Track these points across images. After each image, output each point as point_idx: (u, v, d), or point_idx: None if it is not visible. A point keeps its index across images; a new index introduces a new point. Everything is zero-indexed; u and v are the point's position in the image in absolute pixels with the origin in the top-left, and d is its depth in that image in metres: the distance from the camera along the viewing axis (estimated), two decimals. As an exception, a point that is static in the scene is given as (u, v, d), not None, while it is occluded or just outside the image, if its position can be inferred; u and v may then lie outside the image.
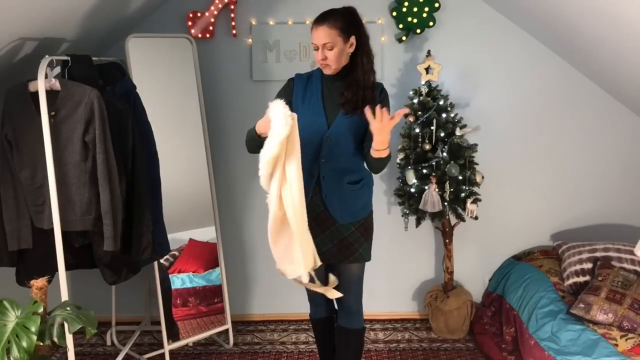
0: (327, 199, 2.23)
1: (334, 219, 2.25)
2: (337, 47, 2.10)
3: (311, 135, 2.14)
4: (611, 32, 2.53)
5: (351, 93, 2.14)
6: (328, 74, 2.20)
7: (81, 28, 2.72)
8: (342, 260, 2.29)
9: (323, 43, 2.10)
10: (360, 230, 2.29)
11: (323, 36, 2.09)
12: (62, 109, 2.29)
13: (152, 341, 3.30)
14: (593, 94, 3.29)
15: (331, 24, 2.09)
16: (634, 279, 2.73)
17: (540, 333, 2.65)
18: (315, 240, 2.21)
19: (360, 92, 2.14)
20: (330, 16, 2.12)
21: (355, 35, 2.14)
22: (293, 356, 3.10)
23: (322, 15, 2.14)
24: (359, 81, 2.14)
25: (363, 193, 2.29)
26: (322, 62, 2.15)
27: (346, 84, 2.16)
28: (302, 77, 2.29)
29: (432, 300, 3.26)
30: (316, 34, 2.11)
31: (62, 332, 1.75)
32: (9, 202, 2.40)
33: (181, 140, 2.97)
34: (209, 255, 3.15)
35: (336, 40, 2.10)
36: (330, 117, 2.19)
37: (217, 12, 3.15)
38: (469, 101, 3.30)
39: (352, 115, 2.16)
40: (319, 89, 2.24)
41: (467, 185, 3.00)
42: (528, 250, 3.46)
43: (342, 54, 2.13)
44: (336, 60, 2.13)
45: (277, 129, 1.89)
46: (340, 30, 2.10)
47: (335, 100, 2.19)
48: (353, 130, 2.19)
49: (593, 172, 3.38)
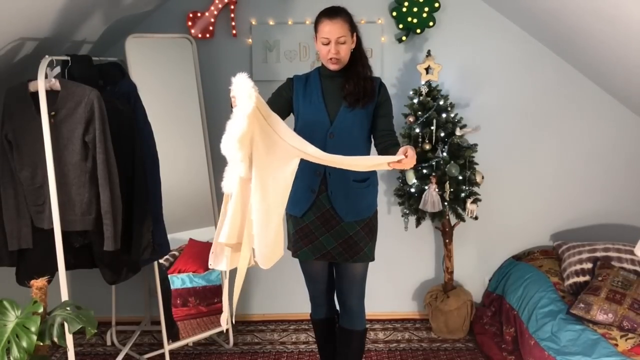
0: (332, 196, 2.24)
1: (339, 217, 2.25)
2: (348, 42, 2.15)
3: (314, 133, 2.15)
4: (611, 32, 2.53)
5: (352, 85, 2.18)
6: (333, 70, 2.21)
7: (81, 28, 2.72)
8: (346, 260, 2.29)
9: (337, 37, 2.12)
10: (365, 230, 2.30)
11: (339, 30, 2.11)
12: (62, 109, 2.29)
13: (152, 341, 3.30)
14: (593, 93, 3.29)
15: (344, 19, 2.14)
16: (634, 279, 2.73)
17: (540, 333, 2.65)
18: (320, 239, 2.22)
19: (361, 83, 2.19)
20: (341, 11, 2.16)
21: (356, 32, 2.20)
22: (293, 356, 3.10)
23: (333, 10, 2.16)
24: (360, 73, 2.20)
25: (369, 192, 2.32)
26: (333, 57, 2.15)
27: (347, 77, 2.20)
28: (301, 78, 2.32)
29: (432, 300, 3.26)
30: (332, 27, 2.11)
31: (62, 332, 1.75)
32: (9, 202, 2.40)
33: (181, 140, 2.96)
34: (209, 255, 3.15)
35: (347, 35, 2.14)
36: (332, 113, 2.21)
37: (217, 12, 3.15)
38: (469, 101, 3.30)
39: (354, 108, 2.19)
40: (318, 87, 2.26)
41: (467, 185, 3.00)
42: (528, 250, 3.46)
43: (349, 49, 2.18)
44: (346, 55, 2.17)
45: (241, 104, 1.82)
46: (350, 25, 2.16)
47: (336, 96, 2.21)
48: (357, 124, 2.22)
49: (593, 172, 3.38)
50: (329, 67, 2.21)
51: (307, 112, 2.24)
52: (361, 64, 2.22)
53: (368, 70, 2.25)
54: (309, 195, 2.23)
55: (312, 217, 2.26)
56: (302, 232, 2.30)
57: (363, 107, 2.20)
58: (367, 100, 2.20)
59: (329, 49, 2.14)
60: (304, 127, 2.23)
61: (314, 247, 2.29)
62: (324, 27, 2.13)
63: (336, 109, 2.21)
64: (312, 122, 2.22)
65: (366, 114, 2.22)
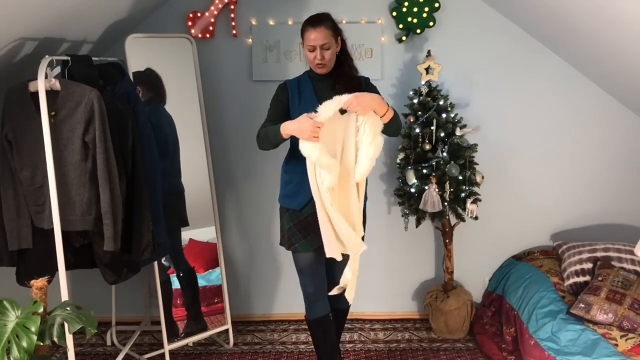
0: None
1: None
2: (332, 47, 2.31)
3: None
4: (611, 32, 2.53)
5: (342, 85, 2.33)
6: (319, 74, 2.36)
7: (81, 28, 2.72)
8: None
9: (322, 44, 2.28)
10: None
11: (321, 37, 2.28)
12: (62, 109, 2.29)
13: (152, 341, 3.30)
14: (593, 94, 3.29)
15: (327, 26, 2.29)
16: (634, 279, 2.73)
17: (540, 333, 2.65)
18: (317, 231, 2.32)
19: (349, 83, 2.34)
20: (324, 19, 2.32)
21: (340, 36, 2.36)
22: (293, 356, 3.10)
23: (316, 18, 2.32)
24: (347, 73, 2.37)
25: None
26: (319, 62, 2.31)
27: (336, 78, 2.36)
28: (293, 82, 2.45)
29: (432, 300, 3.26)
30: (315, 35, 2.28)
31: (62, 332, 1.76)
32: (9, 202, 2.40)
33: (181, 140, 2.96)
34: (209, 255, 3.15)
35: (331, 41, 2.30)
36: None
37: (217, 12, 3.15)
38: (469, 101, 3.30)
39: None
40: (310, 89, 2.40)
41: (467, 185, 3.00)
42: (528, 250, 3.46)
43: (334, 53, 2.34)
44: (331, 59, 2.33)
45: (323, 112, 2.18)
46: (333, 31, 2.31)
47: (328, 96, 2.30)
48: None
49: (593, 172, 3.38)
50: (316, 71, 2.37)
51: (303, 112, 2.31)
52: (347, 65, 2.38)
53: (354, 70, 2.41)
54: (307, 189, 2.29)
55: (310, 211, 2.34)
56: (300, 225, 2.40)
57: None
58: None
59: (315, 55, 2.29)
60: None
61: (312, 239, 2.38)
62: (309, 35, 2.29)
63: None
64: None
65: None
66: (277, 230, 2.96)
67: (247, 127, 3.29)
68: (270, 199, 3.27)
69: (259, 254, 3.50)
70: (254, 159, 3.34)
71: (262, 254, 3.49)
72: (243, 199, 3.44)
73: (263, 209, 3.43)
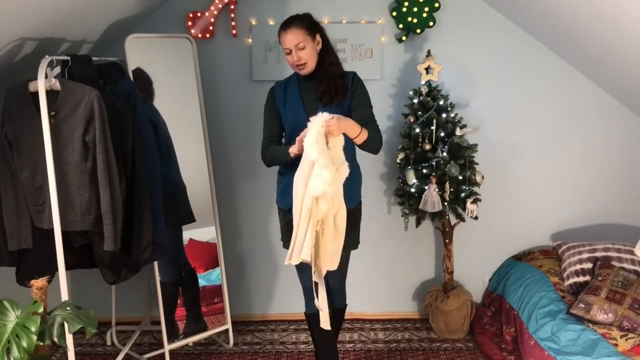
0: None
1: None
2: (308, 45, 2.28)
3: (296, 134, 2.23)
4: (611, 32, 2.53)
5: (324, 85, 2.32)
6: (303, 75, 2.35)
7: (81, 28, 2.72)
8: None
9: (295, 44, 2.27)
10: (348, 220, 2.34)
11: (293, 38, 2.27)
12: (62, 109, 2.28)
13: (152, 341, 3.30)
14: (593, 93, 3.29)
15: (297, 26, 2.28)
16: (634, 279, 2.73)
17: (540, 333, 2.65)
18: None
19: (332, 82, 2.32)
20: (294, 20, 2.32)
21: (319, 33, 2.33)
22: (293, 356, 3.10)
23: (286, 21, 2.33)
24: (329, 72, 2.33)
25: (352, 185, 2.37)
26: (298, 64, 2.31)
27: (319, 78, 2.34)
28: (281, 84, 2.46)
29: (432, 300, 3.26)
30: (287, 37, 2.29)
31: (62, 332, 1.75)
32: (9, 202, 2.40)
33: (181, 140, 2.96)
34: (209, 255, 3.15)
35: (306, 39, 2.28)
36: (311, 114, 2.27)
37: (217, 12, 3.15)
38: (469, 101, 3.30)
39: (329, 106, 2.31)
40: (296, 90, 2.40)
41: (467, 185, 3.00)
42: (528, 250, 3.46)
43: (313, 51, 2.31)
44: (310, 58, 2.30)
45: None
46: (306, 29, 2.29)
47: (313, 96, 2.32)
48: None
49: (593, 172, 3.38)
50: (299, 73, 2.36)
51: (289, 114, 2.38)
52: (329, 63, 2.34)
53: (338, 68, 2.36)
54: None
55: None
56: (289, 224, 2.39)
57: (338, 104, 2.33)
58: (340, 98, 2.33)
59: (292, 57, 2.29)
60: (288, 129, 2.39)
61: None
62: (282, 39, 2.31)
63: (314, 108, 2.30)
64: (295, 124, 2.34)
65: (342, 110, 2.31)
66: (277, 230, 2.96)
67: (247, 127, 3.29)
68: (270, 199, 3.26)
69: (259, 254, 3.50)
70: (254, 159, 3.34)
71: (262, 253, 3.49)
72: (243, 198, 3.44)
73: (263, 209, 3.43)
